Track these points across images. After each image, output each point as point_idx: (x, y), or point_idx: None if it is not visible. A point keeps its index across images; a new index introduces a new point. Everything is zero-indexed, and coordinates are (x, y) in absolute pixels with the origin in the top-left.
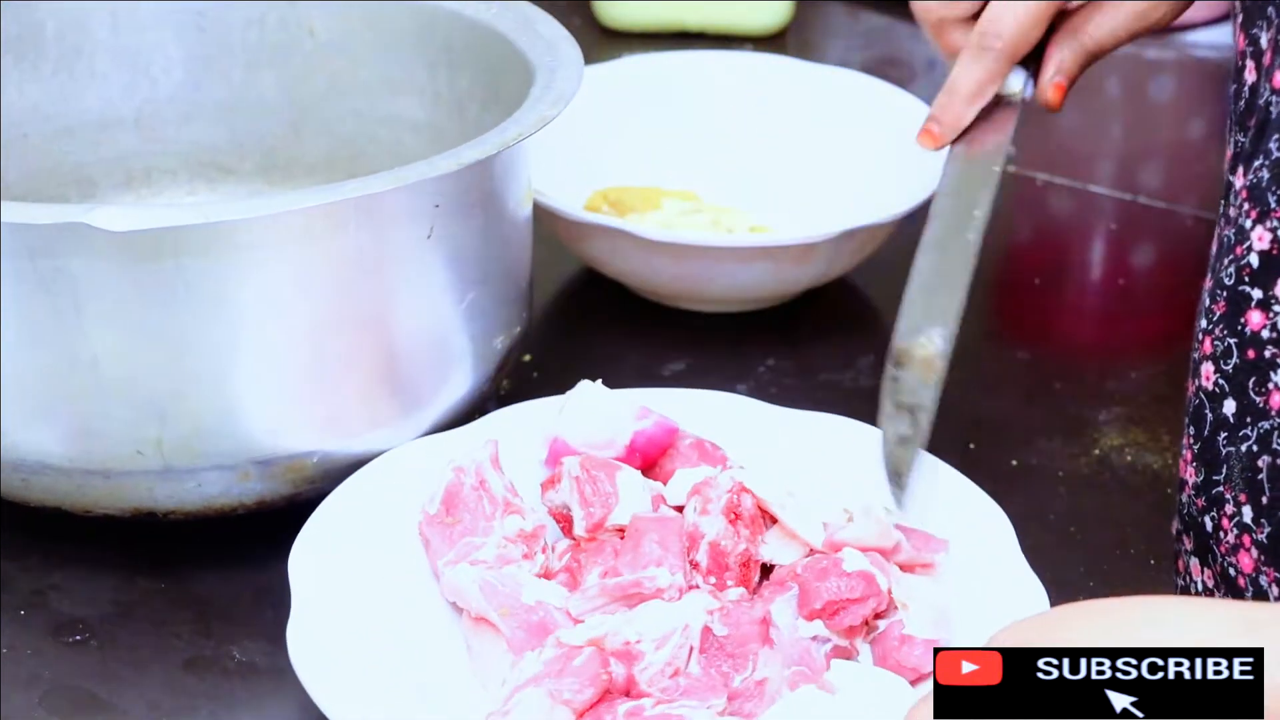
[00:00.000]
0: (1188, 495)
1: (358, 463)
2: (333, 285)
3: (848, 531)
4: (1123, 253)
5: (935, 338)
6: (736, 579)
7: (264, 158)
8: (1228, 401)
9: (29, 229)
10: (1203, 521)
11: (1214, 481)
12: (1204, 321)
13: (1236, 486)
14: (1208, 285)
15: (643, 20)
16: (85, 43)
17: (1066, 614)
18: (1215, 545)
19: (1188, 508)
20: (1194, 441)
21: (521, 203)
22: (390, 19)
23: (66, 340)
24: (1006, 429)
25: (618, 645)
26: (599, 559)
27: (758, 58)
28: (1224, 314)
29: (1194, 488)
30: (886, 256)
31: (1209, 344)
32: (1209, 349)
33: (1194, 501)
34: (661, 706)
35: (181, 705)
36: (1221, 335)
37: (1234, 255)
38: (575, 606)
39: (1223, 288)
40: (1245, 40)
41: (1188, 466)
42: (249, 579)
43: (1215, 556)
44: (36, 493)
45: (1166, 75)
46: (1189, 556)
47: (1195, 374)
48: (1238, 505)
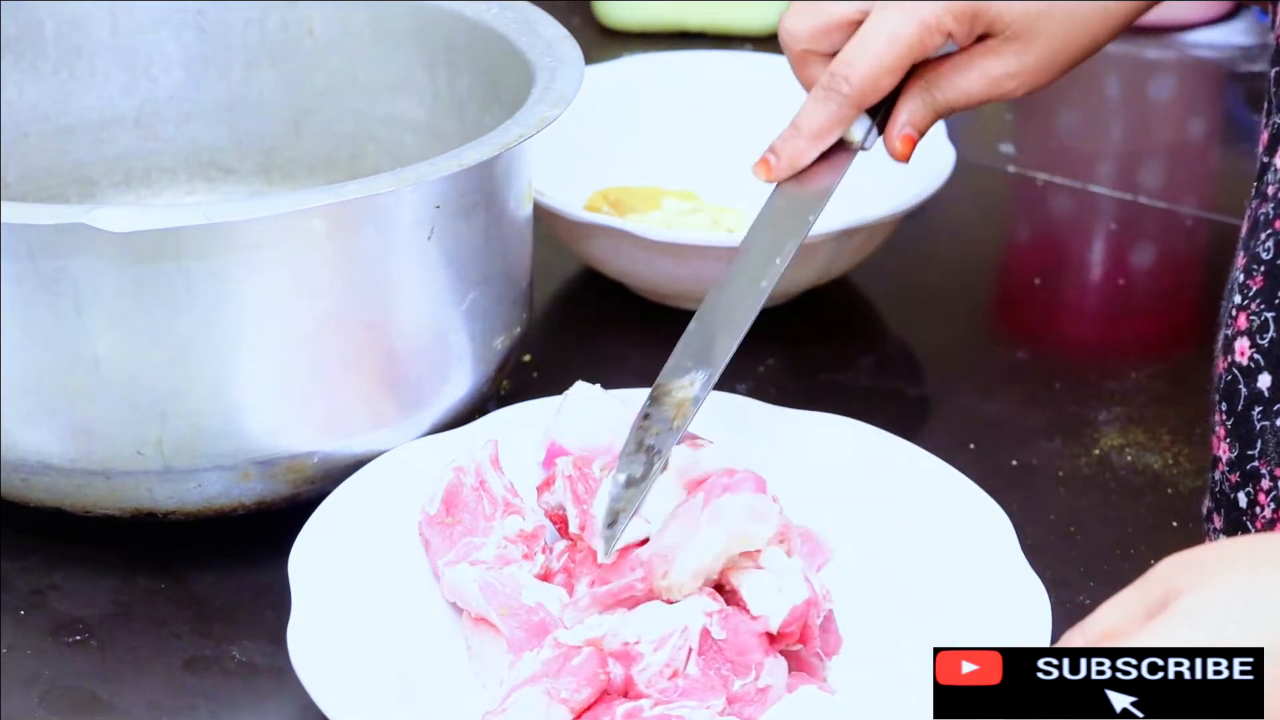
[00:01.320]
0: (1220, 472)
1: (358, 463)
2: (333, 285)
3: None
4: (1123, 253)
5: (697, 382)
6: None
7: (264, 158)
8: (1263, 376)
9: (29, 229)
10: (1236, 498)
11: (1249, 457)
12: (1238, 297)
13: (1272, 460)
14: (1240, 263)
15: (643, 20)
16: (85, 43)
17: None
18: (1250, 521)
19: (1220, 484)
20: (1226, 417)
21: (522, 203)
22: (390, 19)
23: (67, 340)
24: (1006, 429)
25: (616, 646)
26: (585, 568)
27: (758, 58)
28: (1261, 288)
29: (1228, 464)
30: (886, 256)
31: (1243, 319)
32: (1244, 324)
33: (1227, 478)
34: (660, 708)
35: (181, 705)
36: (1259, 310)
37: (1274, 229)
38: (569, 618)
39: (1260, 262)
40: None
41: (1220, 443)
42: (249, 579)
43: (1249, 532)
44: (36, 493)
45: (1166, 75)
46: (1217, 535)
47: (1228, 350)
48: (1274, 479)
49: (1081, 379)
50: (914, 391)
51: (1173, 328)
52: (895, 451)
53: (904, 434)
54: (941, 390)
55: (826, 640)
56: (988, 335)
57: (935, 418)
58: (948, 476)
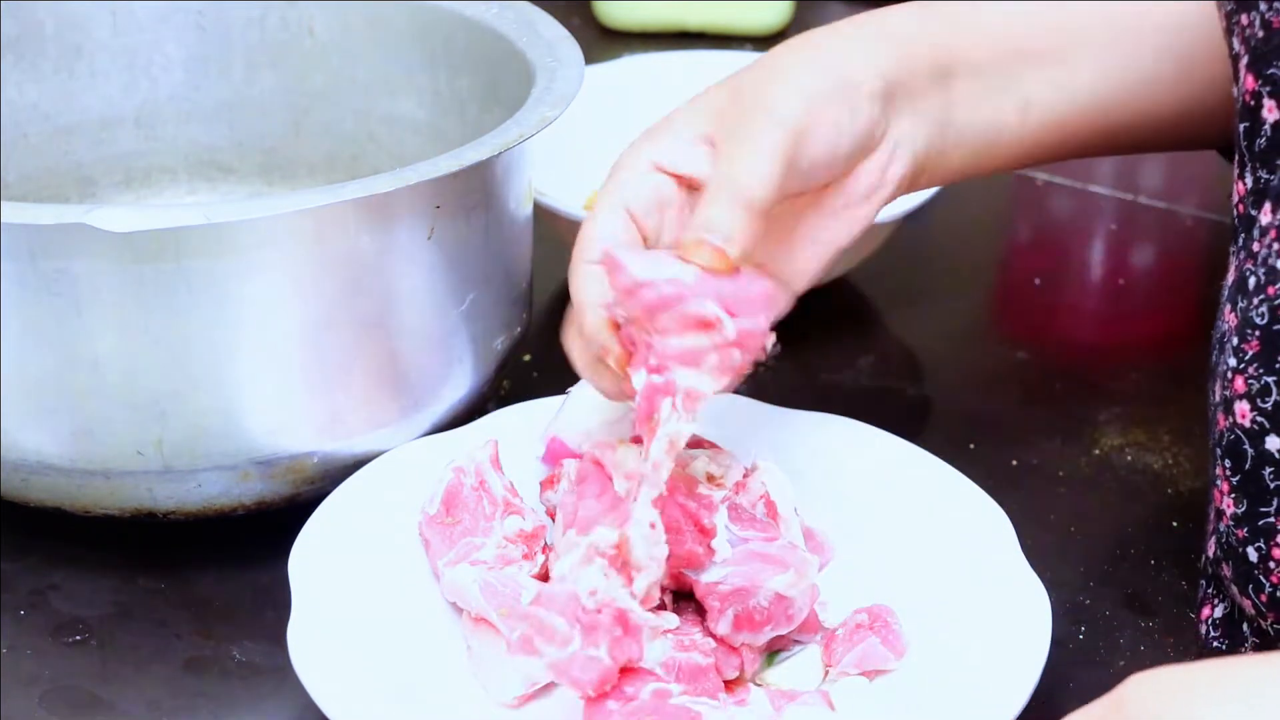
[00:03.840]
0: (1226, 525)
1: (358, 463)
2: (333, 286)
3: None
4: (1123, 253)
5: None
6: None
7: (264, 158)
8: (1270, 438)
9: (30, 229)
10: (1245, 552)
11: (1260, 513)
12: (1233, 360)
13: None
14: (1232, 322)
15: (643, 20)
16: (85, 43)
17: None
18: (1265, 577)
19: (1226, 537)
20: (1231, 474)
21: (522, 203)
22: (390, 19)
23: (67, 340)
24: (1006, 429)
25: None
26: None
27: (757, 58)
28: (1258, 353)
29: (1233, 519)
30: (886, 256)
31: (1241, 383)
32: (1242, 388)
33: (1234, 532)
34: (685, 696)
35: (181, 705)
36: (1257, 374)
37: (1266, 295)
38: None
39: (1254, 327)
40: (1258, 80)
41: (1224, 497)
42: (249, 579)
43: (1261, 585)
44: (36, 493)
45: None
46: (1229, 584)
47: (1227, 411)
48: None
49: (1081, 379)
50: (914, 391)
51: (1173, 328)
52: (895, 451)
53: (904, 434)
54: (941, 390)
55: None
56: (988, 335)
57: (935, 418)
58: (948, 476)
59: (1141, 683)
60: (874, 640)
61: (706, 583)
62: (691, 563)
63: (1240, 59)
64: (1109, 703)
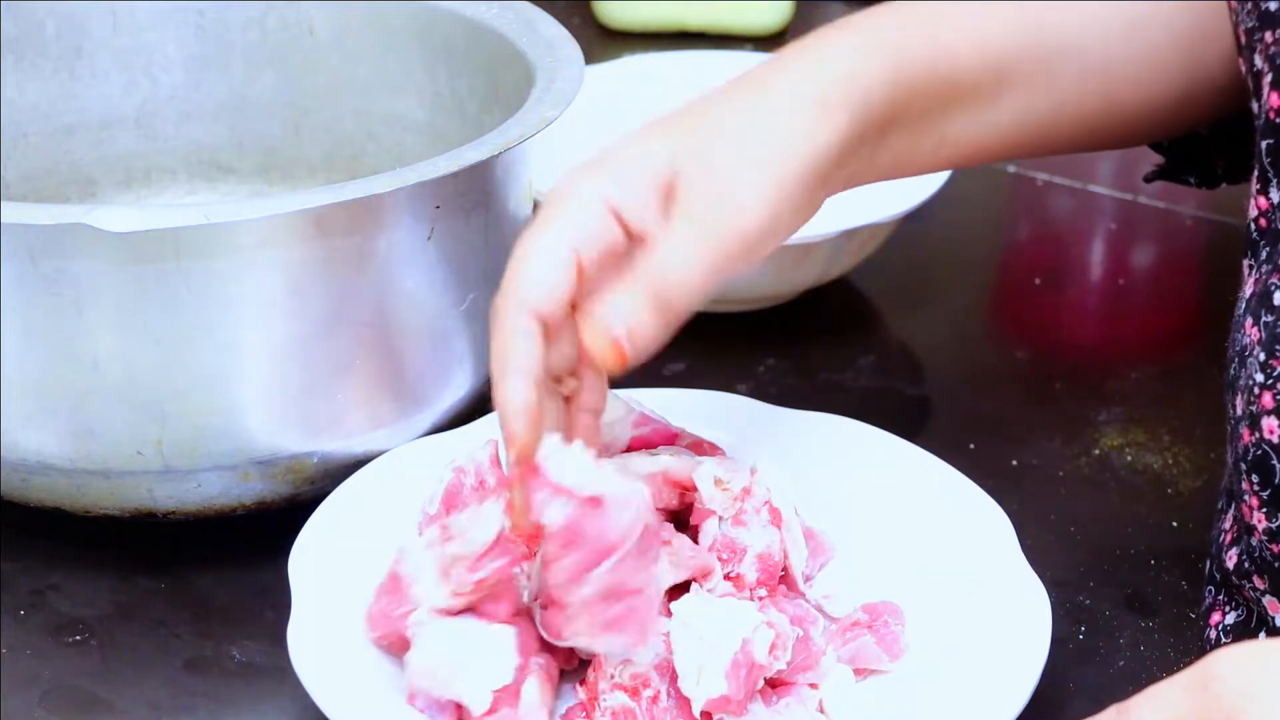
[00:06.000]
0: (1259, 540)
1: (358, 463)
2: (333, 286)
3: None
4: (1123, 253)
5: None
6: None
7: (264, 158)
8: None
9: (30, 229)
10: (1279, 566)
11: None
12: (1260, 375)
13: None
14: (1255, 336)
15: (643, 20)
16: (85, 43)
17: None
18: None
19: (1260, 551)
20: (1260, 488)
21: (522, 203)
22: (390, 19)
23: (67, 340)
24: (1006, 429)
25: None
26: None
27: (758, 58)
28: None
29: (1266, 533)
30: (886, 256)
31: (1269, 398)
32: (1270, 403)
33: (1268, 547)
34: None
35: (181, 705)
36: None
37: None
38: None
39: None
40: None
41: (1254, 513)
42: (249, 579)
43: None
44: (36, 493)
45: None
46: (1261, 595)
47: (1253, 426)
48: None
49: (1081, 379)
50: (914, 391)
51: (1173, 328)
52: (895, 451)
53: (904, 434)
54: (941, 390)
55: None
56: (988, 335)
57: (935, 418)
58: (948, 476)
59: (1227, 659)
60: (869, 639)
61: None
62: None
63: (1263, 75)
64: (1193, 679)
